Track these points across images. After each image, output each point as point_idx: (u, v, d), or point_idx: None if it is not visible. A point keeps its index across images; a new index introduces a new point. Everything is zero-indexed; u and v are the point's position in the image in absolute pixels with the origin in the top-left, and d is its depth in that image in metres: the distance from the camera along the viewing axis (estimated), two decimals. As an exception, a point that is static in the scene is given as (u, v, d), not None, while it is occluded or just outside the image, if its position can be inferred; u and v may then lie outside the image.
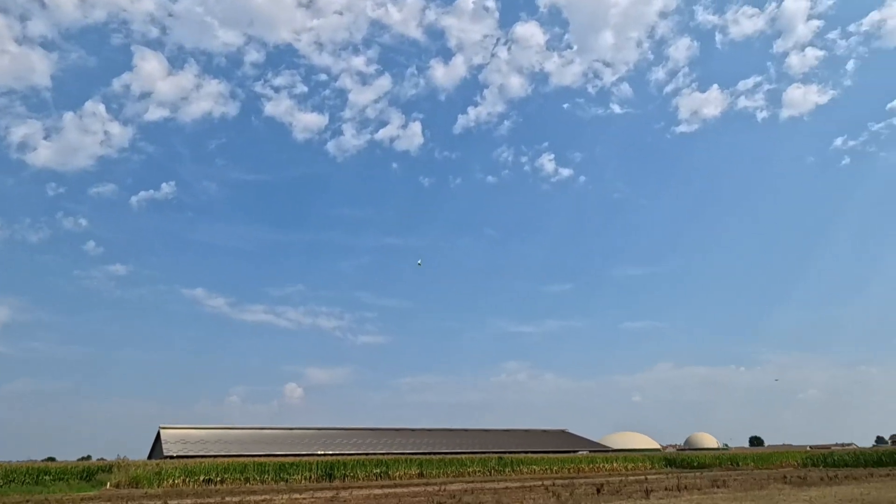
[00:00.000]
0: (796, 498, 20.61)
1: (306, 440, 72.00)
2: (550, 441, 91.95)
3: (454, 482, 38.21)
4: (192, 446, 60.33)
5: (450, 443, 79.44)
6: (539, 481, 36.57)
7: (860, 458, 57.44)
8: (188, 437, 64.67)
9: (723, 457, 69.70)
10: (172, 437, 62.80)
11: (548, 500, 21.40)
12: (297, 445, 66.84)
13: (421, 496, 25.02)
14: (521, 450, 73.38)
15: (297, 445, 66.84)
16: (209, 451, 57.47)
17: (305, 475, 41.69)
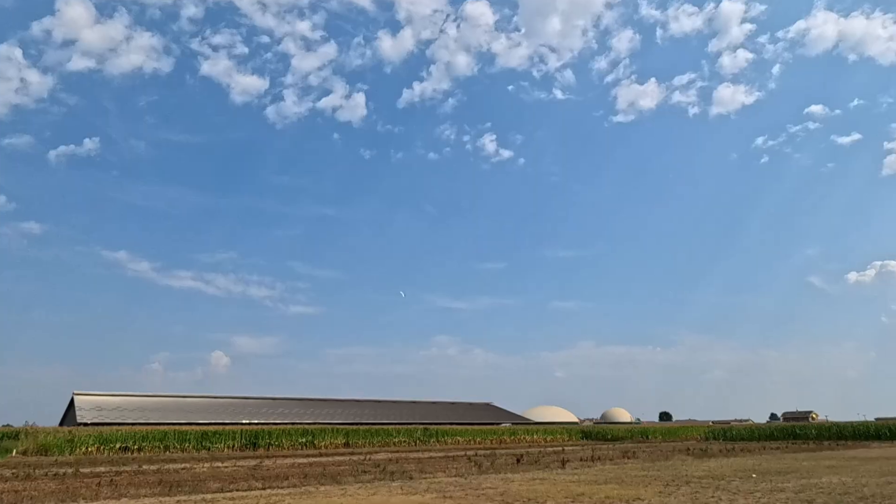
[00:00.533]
0: (697, 468, 22.12)
1: (231, 409, 70.63)
2: (475, 413, 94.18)
3: (380, 451, 38.57)
4: (109, 413, 57.92)
5: (377, 413, 79.97)
6: (462, 451, 37.47)
7: (755, 433, 62.19)
8: (104, 404, 61.99)
9: (634, 430, 73.67)
10: (87, 404, 60.01)
11: (469, 469, 22.00)
12: (222, 414, 65.46)
13: (345, 465, 25.15)
14: (446, 421, 74.84)
15: (222, 414, 65.46)
16: (127, 419, 55.38)
17: (229, 444, 40.94)
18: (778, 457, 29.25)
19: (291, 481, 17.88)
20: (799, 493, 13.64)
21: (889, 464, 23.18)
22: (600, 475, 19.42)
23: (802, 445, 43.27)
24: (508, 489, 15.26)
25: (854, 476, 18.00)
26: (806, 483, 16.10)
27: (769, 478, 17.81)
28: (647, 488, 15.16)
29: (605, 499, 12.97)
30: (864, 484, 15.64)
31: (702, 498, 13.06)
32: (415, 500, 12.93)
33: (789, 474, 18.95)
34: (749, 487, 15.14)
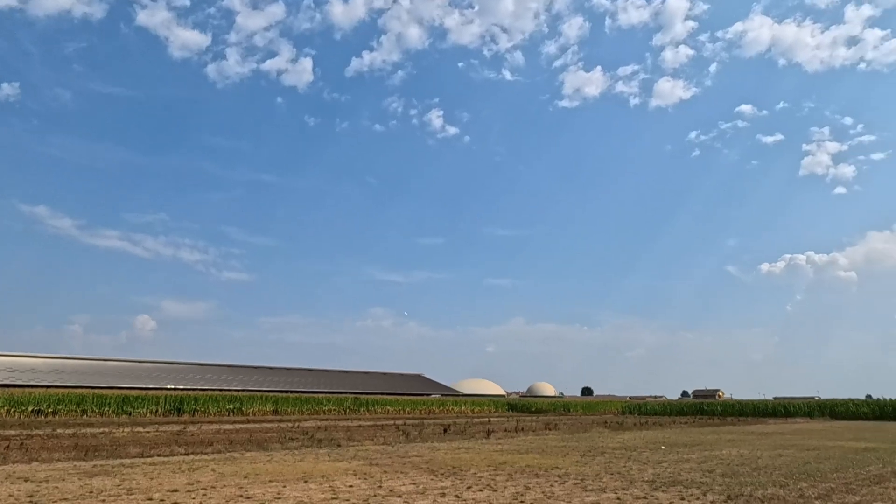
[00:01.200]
0: (612, 440, 23.30)
1: (155, 374, 68.25)
2: (406, 384, 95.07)
3: (308, 420, 38.39)
4: (22, 375, 54.78)
5: (307, 382, 79.36)
6: (392, 421, 37.85)
7: (667, 409, 66.00)
8: (17, 365, 58.54)
9: (557, 404, 76.52)
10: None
11: (397, 438, 22.28)
12: (145, 379, 63.21)
13: (273, 432, 24.90)
14: (377, 391, 75.22)
15: (145, 379, 63.21)
16: (41, 381, 52.59)
17: (151, 409, 39.60)
18: (686, 431, 31.17)
19: (216, 447, 17.56)
20: (701, 464, 14.62)
21: (782, 438, 25.17)
22: (523, 445, 20.11)
23: (708, 421, 46.27)
24: (434, 457, 15.57)
25: (751, 449, 19.44)
26: (708, 454, 17.27)
27: (676, 449, 18.97)
28: (565, 458, 15.83)
29: (526, 467, 13.46)
30: (758, 456, 16.93)
31: (614, 467, 13.77)
32: (341, 468, 12.99)
33: (694, 446, 20.25)
34: (658, 458, 16.09)
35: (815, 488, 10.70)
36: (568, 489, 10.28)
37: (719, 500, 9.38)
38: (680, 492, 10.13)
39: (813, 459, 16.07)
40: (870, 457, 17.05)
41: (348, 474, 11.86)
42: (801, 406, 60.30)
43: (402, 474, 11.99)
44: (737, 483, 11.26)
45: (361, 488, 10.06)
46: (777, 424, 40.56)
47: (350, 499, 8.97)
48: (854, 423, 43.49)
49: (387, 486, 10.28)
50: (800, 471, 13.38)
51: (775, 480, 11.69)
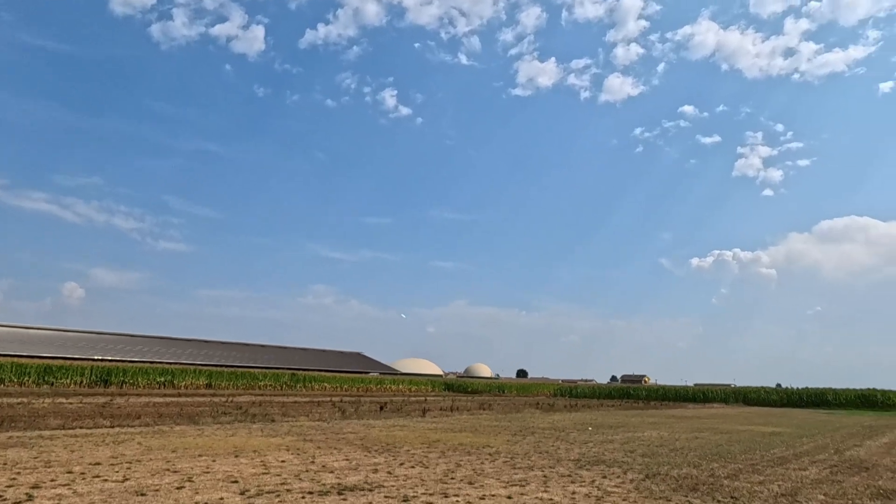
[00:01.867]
0: (543, 420, 24.01)
1: (82, 343, 65.13)
2: (345, 362, 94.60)
3: (243, 395, 37.64)
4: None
5: (243, 357, 77.70)
6: (328, 398, 37.61)
7: (596, 392, 68.50)
8: (-74, 330, 54.57)
9: (493, 385, 78.07)
10: None
11: (333, 415, 22.18)
12: (71, 349, 60.23)
13: (205, 406, 24.29)
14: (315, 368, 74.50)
15: (71, 349, 60.23)
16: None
17: (76, 380, 37.85)
18: (612, 413, 32.47)
19: (144, 420, 16.98)
20: (624, 445, 15.28)
21: (699, 422, 26.61)
22: (456, 424, 20.42)
23: (634, 404, 48.34)
24: (369, 434, 15.60)
25: (670, 431, 20.47)
26: (631, 436, 18.06)
27: (602, 431, 19.75)
28: (497, 437, 16.20)
29: (459, 446, 13.68)
30: (676, 438, 17.85)
31: (543, 446, 14.20)
32: (274, 443, 12.82)
33: (619, 428, 21.13)
34: (584, 438, 16.70)
35: (724, 468, 11.39)
36: (497, 467, 10.53)
37: (638, 478, 9.84)
38: (602, 470, 10.56)
39: (725, 442, 17.07)
40: (776, 440, 18.26)
41: (281, 450, 11.73)
42: (718, 392, 63.94)
43: (335, 450, 11.96)
44: (655, 463, 11.84)
45: (294, 463, 9.97)
46: (695, 409, 42.82)
47: (281, 474, 8.88)
48: (764, 410, 46.47)
49: (319, 462, 10.24)
50: (713, 452, 14.19)
51: (690, 461, 12.36)
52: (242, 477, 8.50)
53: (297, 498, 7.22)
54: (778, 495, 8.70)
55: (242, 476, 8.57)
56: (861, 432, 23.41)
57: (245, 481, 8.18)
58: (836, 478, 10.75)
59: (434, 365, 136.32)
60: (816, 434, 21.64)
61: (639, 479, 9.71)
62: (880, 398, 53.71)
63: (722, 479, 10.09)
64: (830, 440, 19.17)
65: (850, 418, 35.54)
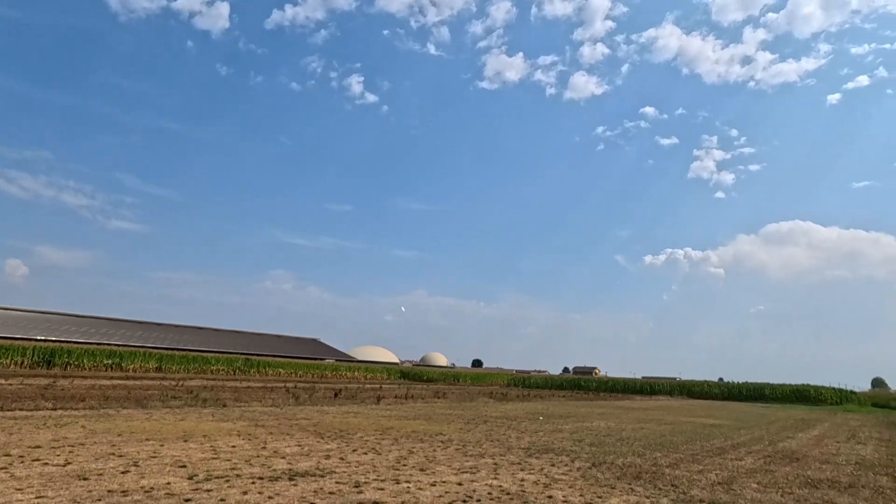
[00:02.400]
0: (496, 409, 24.34)
1: (24, 323, 62.37)
2: (301, 348, 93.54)
3: (194, 378, 36.81)
4: None
5: (196, 340, 75.87)
6: (282, 383, 37.15)
7: (548, 383, 69.80)
8: None
9: (448, 374, 78.58)
10: None
11: (286, 401, 21.94)
12: (11, 328, 57.58)
13: (154, 389, 23.66)
14: (270, 353, 73.42)
15: (11, 328, 57.58)
16: None
17: (17, 360, 36.27)
18: (563, 403, 33.15)
19: (89, 403, 16.42)
20: (573, 434, 15.64)
21: (645, 413, 27.44)
22: (411, 412, 20.50)
23: (584, 395, 49.47)
24: (322, 420, 15.51)
25: (617, 422, 21.05)
26: (580, 426, 18.50)
27: (552, 420, 20.15)
28: (450, 425, 16.34)
29: (412, 433, 13.74)
30: (623, 428, 18.38)
31: (495, 435, 14.41)
32: (225, 428, 12.61)
33: (569, 418, 21.61)
34: (535, 427, 17.01)
35: (667, 458, 11.80)
36: (450, 454, 10.64)
37: (585, 466, 10.10)
38: (551, 458, 10.79)
39: (668, 433, 17.67)
40: (715, 432, 19.01)
41: (232, 435, 11.54)
42: (665, 385, 66.07)
43: (288, 436, 11.85)
44: (602, 452, 12.17)
45: (245, 449, 9.83)
46: (642, 401, 44.13)
47: (232, 459, 8.75)
48: (706, 402, 48.27)
49: (271, 448, 10.12)
50: (656, 442, 14.68)
51: (635, 450, 12.75)
52: (191, 462, 8.34)
53: (248, 483, 7.13)
54: (715, 483, 9.08)
55: (191, 461, 8.40)
56: (794, 425, 24.59)
57: (194, 466, 8.02)
58: (769, 467, 11.28)
59: (390, 353, 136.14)
60: (753, 426, 22.61)
61: (585, 468, 9.97)
62: (813, 393, 56.48)
63: (664, 467, 10.45)
64: (765, 432, 20.07)
65: (785, 412, 37.27)
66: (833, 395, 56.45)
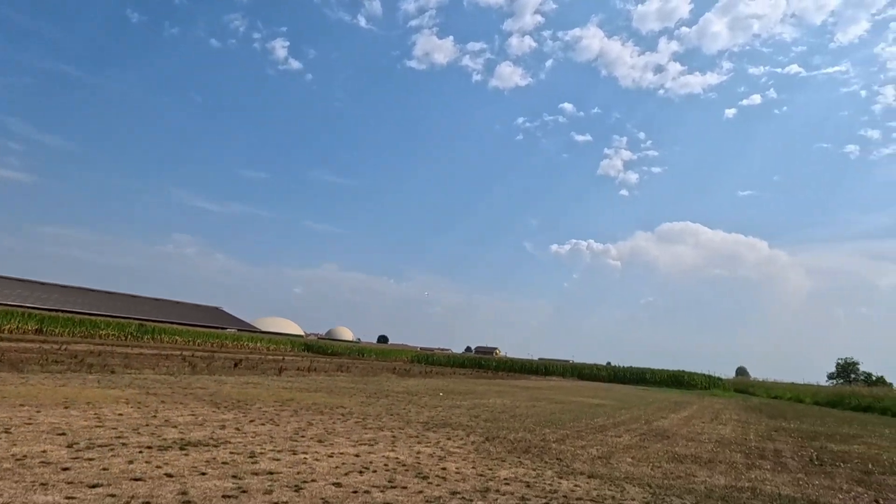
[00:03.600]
0: (397, 385, 24.58)
1: None
2: (201, 316, 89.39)
3: (80, 343, 34.22)
4: None
5: (85, 302, 70.49)
6: (179, 351, 35.38)
7: (450, 361, 71.28)
8: None
9: (353, 348, 78.16)
10: None
11: (182, 369, 20.95)
12: None
13: (32, 352, 21.76)
14: (167, 320, 69.59)
15: None
16: None
17: None
18: (463, 381, 34.02)
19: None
20: (470, 410, 16.12)
21: (538, 392, 28.77)
22: (312, 384, 20.25)
23: (483, 374, 51.00)
24: (219, 390, 14.97)
25: (512, 399, 21.93)
26: (477, 402, 19.10)
27: (452, 397, 20.65)
28: (351, 398, 16.31)
29: (312, 405, 13.60)
30: (517, 406, 19.18)
31: (395, 409, 14.56)
32: (112, 395, 11.86)
33: (467, 395, 22.23)
34: (435, 403, 17.37)
35: (554, 434, 12.47)
36: (349, 426, 10.64)
37: (479, 441, 10.46)
38: (448, 433, 11.08)
39: (558, 411, 18.65)
40: (600, 411, 20.29)
41: (119, 402, 10.88)
42: (558, 367, 69.53)
43: (181, 405, 11.34)
44: (496, 427, 12.65)
45: (133, 417, 9.31)
46: (537, 381, 46.21)
47: (118, 427, 8.26)
48: (594, 384, 51.34)
49: (162, 416, 9.66)
50: (546, 420, 15.46)
51: (526, 426, 13.36)
52: (72, 429, 7.79)
53: (134, 452, 6.77)
54: (595, 458, 9.72)
55: (72, 428, 7.85)
56: (668, 407, 26.74)
57: (74, 434, 7.50)
58: (643, 444, 12.23)
59: (296, 325, 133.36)
60: (633, 407, 24.35)
61: (479, 442, 10.33)
62: (687, 379, 61.65)
63: (551, 443, 11.04)
64: (643, 412, 21.68)
65: (662, 394, 40.42)
66: (703, 380, 61.96)
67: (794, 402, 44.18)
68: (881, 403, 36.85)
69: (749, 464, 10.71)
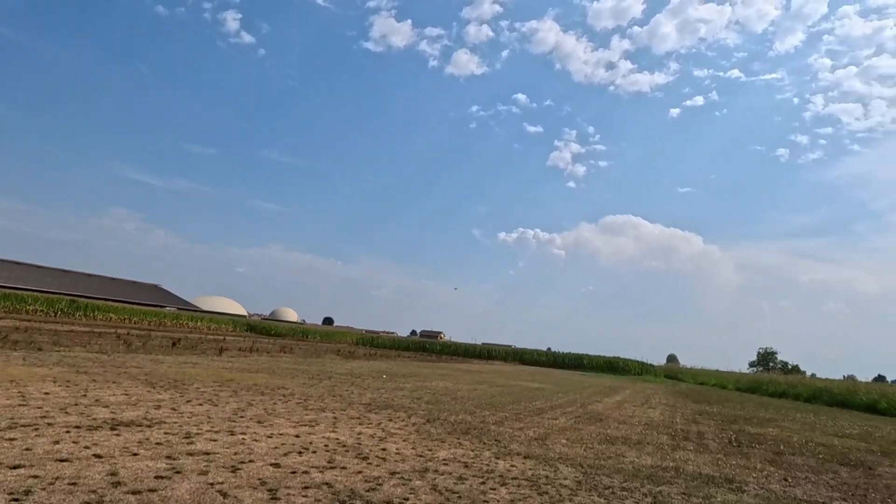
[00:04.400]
0: (341, 367, 24.42)
1: None
2: (138, 293, 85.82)
3: (4, 318, 32.24)
4: None
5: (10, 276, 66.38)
6: (114, 329, 33.89)
7: (395, 343, 71.36)
8: None
9: (297, 329, 76.99)
10: None
11: (116, 347, 20.09)
12: None
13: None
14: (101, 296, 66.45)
15: None
16: None
17: None
18: (407, 364, 34.14)
19: None
20: (413, 392, 16.21)
21: (480, 376, 29.21)
22: (254, 365, 19.84)
23: (428, 357, 51.33)
24: (156, 370, 14.45)
25: (455, 382, 22.18)
26: (420, 385, 19.22)
27: (395, 379, 20.69)
28: (293, 380, 16.09)
29: (253, 386, 13.33)
30: (459, 388, 19.41)
31: (338, 390, 14.47)
32: (39, 373, 11.25)
33: (411, 377, 22.33)
34: (378, 385, 17.36)
35: (494, 416, 12.71)
36: (290, 407, 10.50)
37: (420, 422, 10.54)
38: (390, 414, 11.11)
39: (498, 394, 19.01)
40: (538, 394, 20.82)
41: (46, 381, 10.34)
42: (501, 352, 70.78)
43: (114, 384, 10.89)
44: (437, 409, 12.77)
45: (61, 396, 8.87)
46: (480, 365, 46.88)
47: (44, 406, 7.85)
48: (534, 368, 52.58)
49: (93, 396, 9.24)
50: (487, 402, 15.73)
51: (467, 409, 13.56)
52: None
53: (61, 432, 6.46)
54: (532, 439, 9.98)
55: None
56: (602, 391, 27.71)
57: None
58: (578, 426, 12.64)
59: (239, 305, 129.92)
60: (570, 391, 25.10)
61: (420, 423, 10.41)
62: (621, 365, 64.04)
63: (490, 424, 11.25)
64: (579, 396, 22.39)
65: (597, 379, 41.84)
66: (636, 367, 64.52)
67: (718, 388, 46.69)
68: (795, 390, 39.51)
69: (674, 445, 11.26)
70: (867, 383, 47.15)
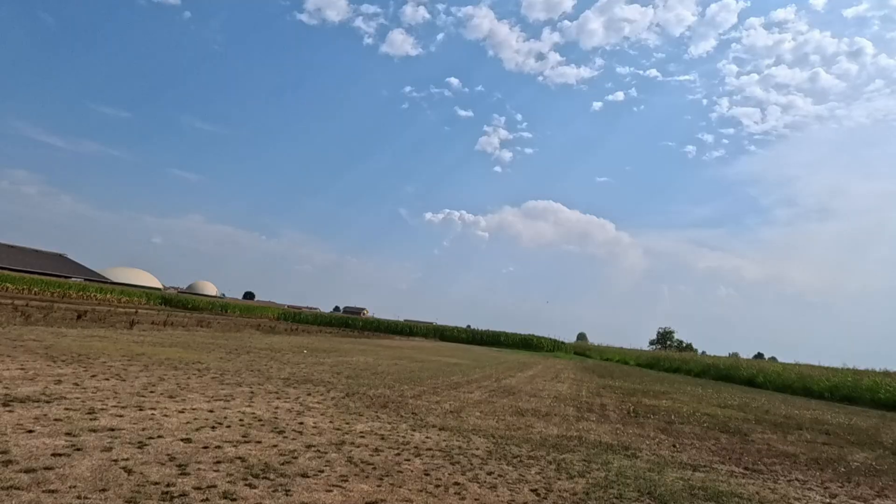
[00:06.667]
0: (261, 341, 23.72)
1: None
2: (41, 263, 79.11)
3: None
4: None
5: None
6: (10, 300, 31.07)
7: (318, 319, 70.20)
8: None
9: (216, 304, 73.89)
10: None
11: (12, 320, 18.46)
12: None
13: None
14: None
15: None
16: None
17: None
18: (329, 339, 33.69)
19: None
20: (333, 367, 16.04)
21: (401, 351, 29.35)
22: (168, 339, 18.88)
23: (350, 333, 50.88)
24: (57, 343, 13.42)
25: (375, 357, 22.16)
26: (341, 360, 19.05)
27: (316, 354, 20.38)
28: (210, 354, 15.46)
29: (166, 360, 12.69)
30: (379, 364, 19.42)
31: (256, 365, 14.06)
32: (-81, 346, 10.15)
33: (331, 353, 22.07)
34: (298, 360, 17.03)
35: (412, 390, 12.83)
36: (205, 382, 10.10)
37: (339, 396, 10.47)
38: (308, 389, 10.94)
39: (417, 369, 19.19)
40: (456, 369, 21.21)
41: (-72, 354, 9.35)
42: (422, 328, 71.31)
43: (9, 358, 10.02)
44: (357, 384, 12.72)
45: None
46: (401, 341, 47.06)
47: (-76, 381, 7.10)
48: (453, 345, 53.46)
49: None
50: (406, 377, 15.84)
51: (386, 383, 13.60)
52: None
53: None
54: (448, 412, 10.17)
55: None
56: (516, 366, 28.64)
57: None
58: (492, 399, 13.02)
59: (153, 277, 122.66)
60: (486, 366, 25.76)
61: (339, 397, 10.33)
62: (536, 342, 66.40)
63: (408, 398, 11.35)
64: (494, 371, 23.03)
65: (513, 356, 43.16)
66: (549, 344, 67.13)
67: (622, 364, 49.55)
68: (687, 366, 42.69)
69: (579, 416, 11.86)
70: (748, 360, 51.75)
